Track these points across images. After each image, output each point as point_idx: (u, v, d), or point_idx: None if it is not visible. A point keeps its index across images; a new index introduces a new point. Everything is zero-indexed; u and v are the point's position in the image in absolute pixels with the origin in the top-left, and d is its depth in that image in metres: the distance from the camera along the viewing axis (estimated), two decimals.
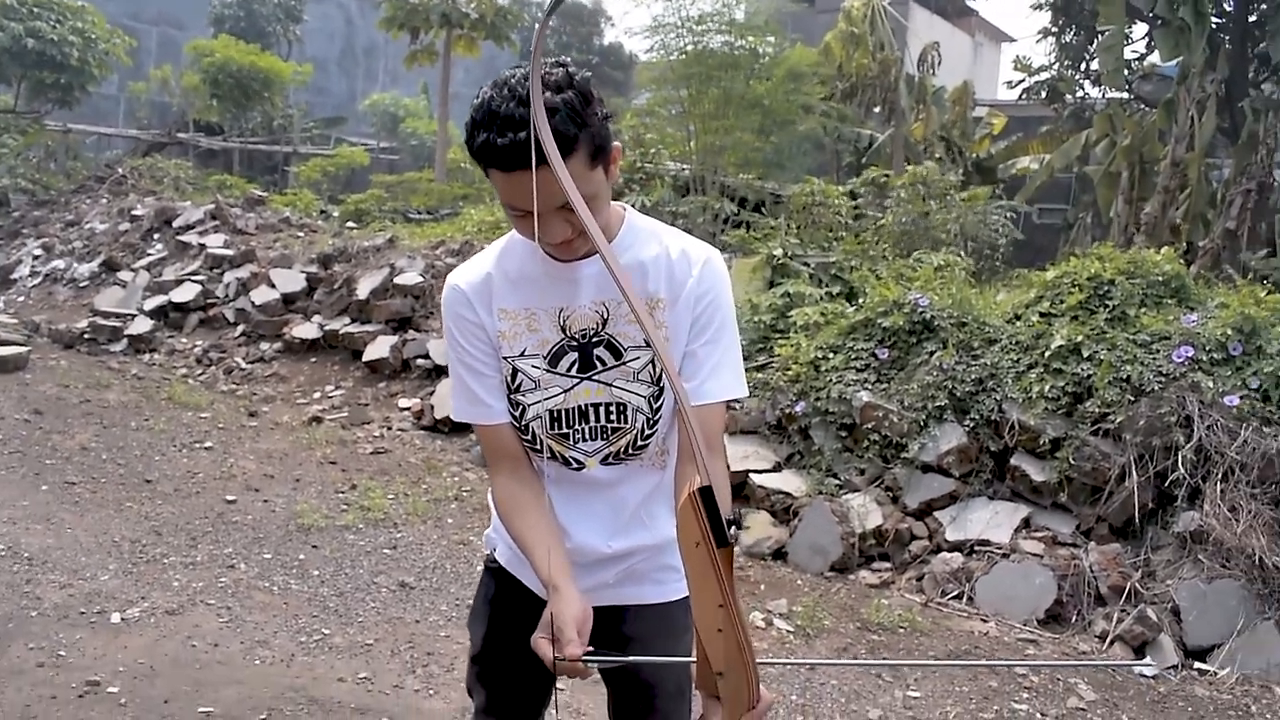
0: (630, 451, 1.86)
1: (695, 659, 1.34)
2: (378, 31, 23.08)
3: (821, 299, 7.46)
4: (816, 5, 27.42)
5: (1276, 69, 15.40)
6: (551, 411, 1.84)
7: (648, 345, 1.80)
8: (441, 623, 4.50)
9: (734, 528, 1.27)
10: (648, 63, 13.76)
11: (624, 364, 1.82)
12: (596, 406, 1.84)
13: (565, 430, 1.85)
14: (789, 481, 5.99)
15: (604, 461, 1.86)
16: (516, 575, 2.00)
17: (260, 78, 24.17)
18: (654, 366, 1.81)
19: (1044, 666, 4.42)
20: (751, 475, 5.98)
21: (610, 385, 1.83)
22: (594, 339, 1.81)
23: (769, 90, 11.93)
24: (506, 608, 2.02)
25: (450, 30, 19.51)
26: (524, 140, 1.51)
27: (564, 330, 1.81)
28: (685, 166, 13.03)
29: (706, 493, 1.23)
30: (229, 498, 6.03)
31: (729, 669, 1.30)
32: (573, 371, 1.82)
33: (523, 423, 1.86)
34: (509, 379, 1.85)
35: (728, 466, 1.92)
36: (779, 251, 8.29)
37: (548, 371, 1.83)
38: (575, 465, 1.87)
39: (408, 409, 8.22)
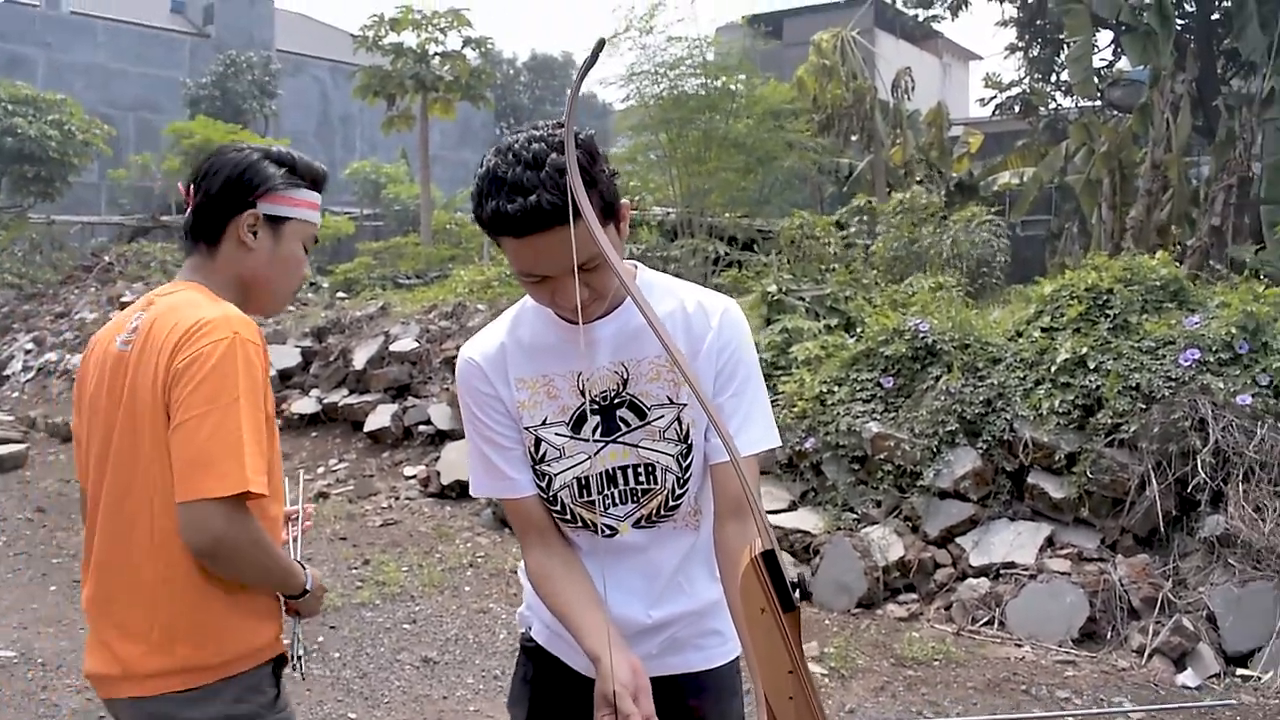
0: (662, 513, 1.81)
1: None
2: (353, 100, 23.23)
3: (820, 332, 7.44)
4: (784, 40, 27.70)
5: (1245, 64, 15.52)
6: (579, 479, 1.79)
7: (672, 403, 1.76)
8: (469, 697, 4.41)
9: (798, 590, 1.22)
10: (624, 110, 13.83)
11: (649, 423, 1.77)
12: (624, 469, 1.79)
13: (594, 496, 1.79)
14: (806, 519, 5.92)
15: (636, 525, 1.81)
16: (556, 654, 1.94)
17: None
18: (680, 424, 1.77)
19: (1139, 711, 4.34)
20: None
21: (637, 446, 1.78)
22: (616, 400, 1.77)
23: (751, 129, 11.99)
24: (546, 689, 1.96)
25: (425, 94, 19.63)
26: (534, 204, 1.49)
27: (584, 394, 1.77)
28: (670, 210, 13.07)
29: (769, 557, 1.18)
30: None
31: None
32: (597, 435, 1.77)
33: (550, 493, 1.81)
34: (532, 449, 1.80)
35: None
36: (773, 288, 8.27)
37: (571, 438, 1.78)
38: (607, 532, 1.81)
39: (414, 477, 8.15)
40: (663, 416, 1.76)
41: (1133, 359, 5.55)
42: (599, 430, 1.77)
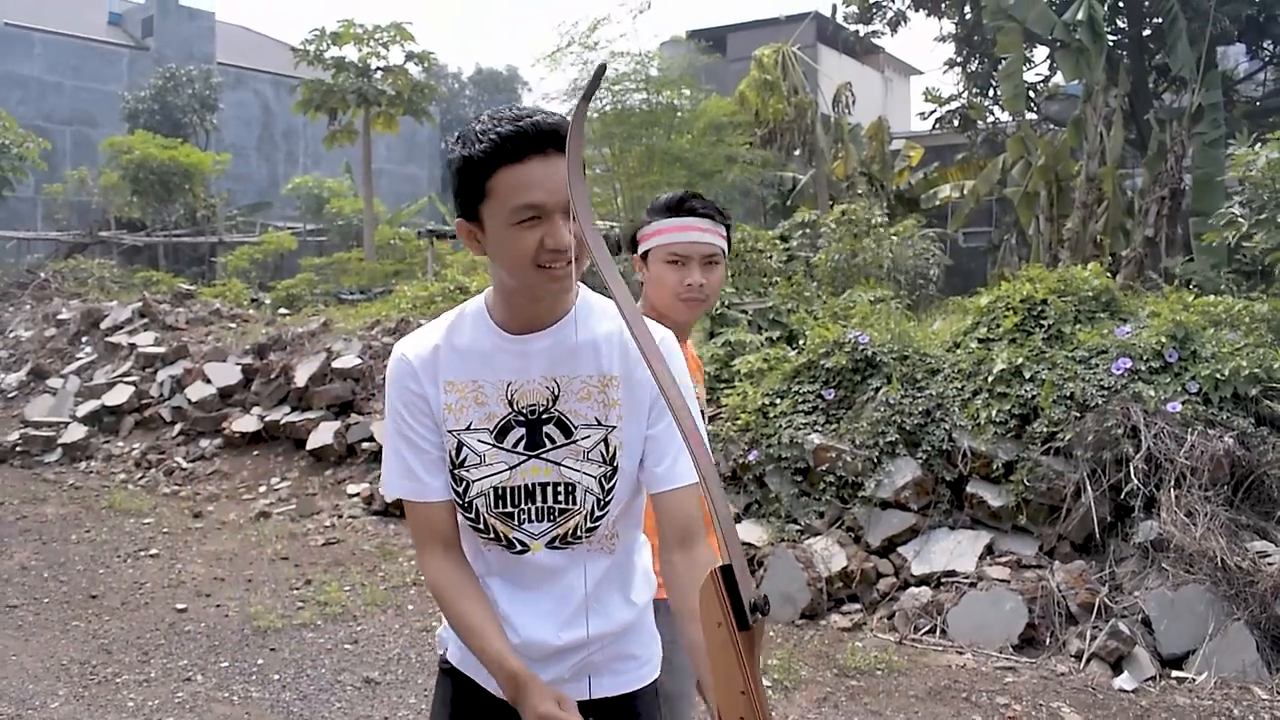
0: (579, 534, 1.78)
1: None
2: (295, 115, 23.03)
3: (762, 345, 7.49)
4: (728, 55, 27.90)
5: (1175, 79, 15.90)
6: (496, 489, 1.77)
7: (600, 424, 1.75)
8: (411, 717, 4.37)
9: (758, 613, 1.21)
10: None
11: (574, 443, 1.75)
12: (544, 486, 1.77)
13: (510, 509, 1.77)
14: (750, 532, 5.95)
15: (550, 545, 1.78)
16: (471, 676, 1.90)
17: (181, 171, 23.98)
18: (606, 446, 1.75)
19: None
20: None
21: (559, 464, 1.76)
22: (543, 415, 1.75)
23: (692, 143, 12.06)
24: (465, 712, 1.93)
25: (368, 109, 19.53)
26: (533, 122, 1.59)
27: (511, 404, 1.75)
28: (614, 225, 13.08)
29: (728, 572, 1.18)
30: (179, 606, 5.84)
31: None
32: (520, 448, 1.76)
33: (466, 499, 1.78)
34: (453, 453, 1.78)
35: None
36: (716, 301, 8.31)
37: (494, 447, 1.76)
38: (518, 548, 1.78)
39: (357, 495, 8.07)
40: (589, 437, 1.75)
41: (1067, 368, 5.65)
42: (522, 443, 1.76)
